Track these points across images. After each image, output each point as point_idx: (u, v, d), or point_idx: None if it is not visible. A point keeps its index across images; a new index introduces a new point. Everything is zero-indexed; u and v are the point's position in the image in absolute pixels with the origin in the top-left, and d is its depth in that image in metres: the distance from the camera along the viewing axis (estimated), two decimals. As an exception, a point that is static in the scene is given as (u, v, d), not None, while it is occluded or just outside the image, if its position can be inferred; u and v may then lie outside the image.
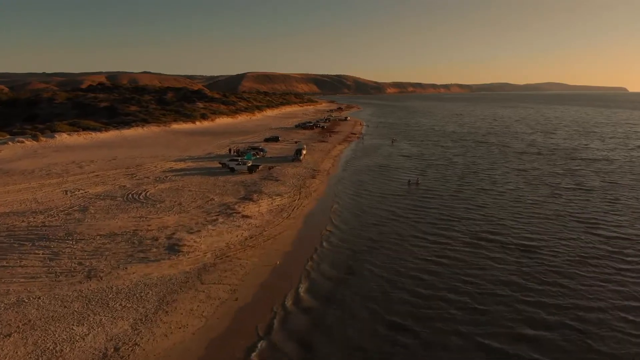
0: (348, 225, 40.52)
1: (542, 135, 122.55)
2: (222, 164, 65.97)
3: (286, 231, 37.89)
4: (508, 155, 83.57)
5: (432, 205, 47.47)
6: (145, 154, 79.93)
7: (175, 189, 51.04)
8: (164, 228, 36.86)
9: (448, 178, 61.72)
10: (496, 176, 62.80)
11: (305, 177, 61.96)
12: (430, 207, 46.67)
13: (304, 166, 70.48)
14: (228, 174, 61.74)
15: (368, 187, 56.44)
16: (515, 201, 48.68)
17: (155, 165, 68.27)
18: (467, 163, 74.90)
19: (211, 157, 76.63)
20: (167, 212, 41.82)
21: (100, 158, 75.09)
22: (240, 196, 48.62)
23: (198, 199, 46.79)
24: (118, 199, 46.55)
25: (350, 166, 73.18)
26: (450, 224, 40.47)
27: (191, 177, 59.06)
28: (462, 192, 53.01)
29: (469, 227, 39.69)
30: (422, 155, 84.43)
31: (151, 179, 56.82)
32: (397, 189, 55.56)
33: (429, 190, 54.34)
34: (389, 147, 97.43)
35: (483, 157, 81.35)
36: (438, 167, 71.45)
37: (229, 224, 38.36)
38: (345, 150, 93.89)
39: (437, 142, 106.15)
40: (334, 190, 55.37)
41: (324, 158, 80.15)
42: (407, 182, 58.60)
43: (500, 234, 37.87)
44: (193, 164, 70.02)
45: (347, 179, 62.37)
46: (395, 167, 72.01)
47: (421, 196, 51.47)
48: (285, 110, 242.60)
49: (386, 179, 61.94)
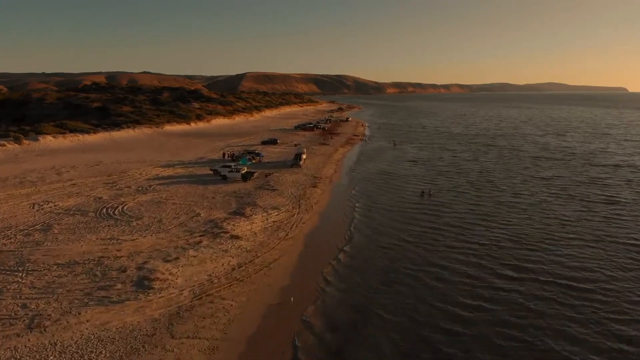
0: (356, 249, 34.56)
1: (554, 137, 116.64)
2: (213, 170, 60.06)
3: (283, 257, 31.96)
4: (523, 161, 77.64)
5: (450, 223, 41.46)
6: (133, 159, 74.01)
7: (157, 202, 45.05)
8: (135, 254, 30.91)
9: (463, 189, 55.69)
10: (516, 186, 56.76)
11: (306, 185, 56.06)
12: (448, 226, 40.65)
13: (304, 172, 64.59)
14: (219, 182, 55.82)
15: (376, 199, 50.49)
16: (544, 219, 42.60)
17: (141, 171, 62.33)
18: (481, 170, 68.93)
19: (203, 163, 70.70)
20: (143, 231, 35.87)
21: (83, 163, 69.18)
22: (231, 210, 42.65)
23: (182, 215, 40.82)
24: (90, 214, 40.58)
25: (354, 172, 67.25)
26: (474, 251, 34.45)
27: (178, 186, 53.11)
28: (481, 206, 46.98)
29: (496, 254, 33.69)
30: (430, 161, 78.49)
31: (132, 189, 50.86)
32: (407, 201, 49.55)
33: (443, 204, 48.28)
34: (393, 151, 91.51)
35: (496, 163, 75.40)
36: (449, 174, 65.46)
37: (214, 248, 32.40)
38: (348, 153, 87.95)
39: (443, 145, 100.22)
40: (337, 202, 49.44)
41: (325, 163, 74.25)
42: (421, 193, 52.64)
43: (534, 263, 31.90)
44: (182, 170, 64.06)
45: (352, 188, 56.44)
46: (402, 174, 66.03)
47: (436, 211, 45.48)
48: (284, 110, 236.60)
49: (394, 189, 56.00)
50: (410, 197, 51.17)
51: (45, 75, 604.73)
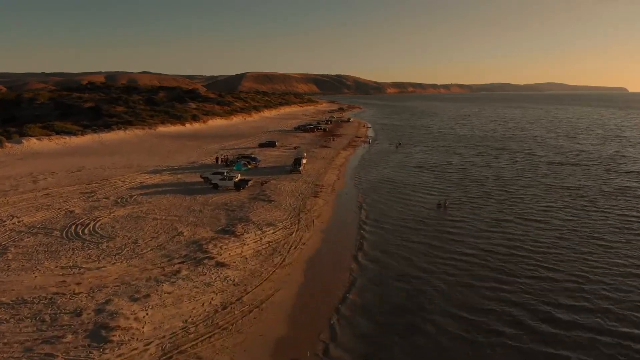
0: (367, 282, 28.96)
1: (566, 139, 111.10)
2: (204, 178, 54.52)
3: (279, 291, 26.41)
4: (539, 166, 72.05)
5: (473, 245, 35.80)
6: (119, 164, 68.48)
7: (136, 217, 39.46)
8: (98, 289, 25.36)
9: (480, 200, 49.96)
10: (539, 198, 50.81)
11: (306, 195, 50.54)
12: (471, 249, 34.94)
13: (304, 179, 59.10)
14: (210, 192, 50.29)
15: (385, 212, 44.90)
16: (583, 241, 36.24)
17: (125, 179, 56.80)
18: (495, 177, 63.31)
19: (194, 168, 65.14)
20: (113, 256, 30.33)
21: (64, 169, 63.69)
22: (219, 228, 37.10)
23: (162, 233, 35.26)
24: (55, 233, 35.03)
25: (358, 179, 61.68)
26: (509, 284, 28.75)
27: (162, 196, 47.55)
28: (506, 224, 41.09)
29: (535, 290, 28.07)
30: (439, 166, 72.89)
31: (111, 201, 45.29)
32: (420, 216, 43.83)
33: (462, 220, 42.46)
34: (398, 155, 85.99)
35: (511, 169, 69.78)
36: (463, 182, 59.84)
37: (194, 280, 26.85)
38: (351, 157, 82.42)
39: (451, 148, 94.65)
40: (342, 215, 43.88)
41: (327, 168, 68.72)
42: (437, 206, 47.08)
43: (588, 301, 26.39)
44: (170, 177, 58.51)
45: (358, 198, 50.87)
46: (411, 182, 60.43)
47: (455, 230, 39.84)
48: (284, 110, 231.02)
49: (404, 200, 50.39)
50: (423, 211, 45.52)
51: (45, 75, 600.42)
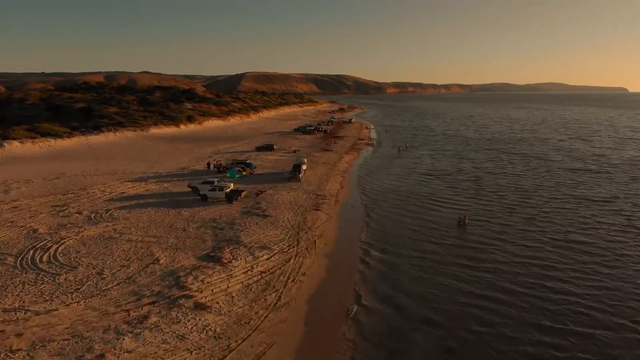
0: (382, 328, 23.44)
1: (580, 142, 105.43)
2: (192, 187, 49.00)
3: (272, 348, 20.79)
4: (558, 174, 66.31)
5: (505, 279, 30.17)
6: (102, 169, 62.93)
7: (108, 239, 33.82)
8: (41, 345, 19.77)
9: (502, 216, 43.77)
10: (567, 214, 44.73)
11: (307, 207, 44.96)
12: (504, 286, 29.43)
13: (304, 188, 53.55)
14: (198, 204, 44.72)
15: (397, 231, 39.20)
16: (634, 274, 30.99)
17: (105, 188, 51.25)
18: (515, 187, 57.40)
19: (183, 175, 59.58)
20: (70, 294, 24.74)
21: (41, 176, 58.17)
22: (203, 252, 31.49)
23: (134, 261, 29.66)
24: (8, 260, 29.40)
25: (365, 188, 55.99)
26: (555, 335, 23.37)
27: (143, 210, 41.94)
28: (539, 249, 35.37)
29: (589, 348, 22.60)
30: (449, 173, 67.13)
31: (83, 216, 39.67)
32: (438, 236, 37.96)
33: (485, 242, 36.65)
34: (405, 159, 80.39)
35: (529, 177, 64.02)
36: (479, 193, 54.02)
37: (165, 332, 21.25)
38: (355, 162, 76.78)
39: (460, 153, 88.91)
40: (348, 234, 38.23)
41: (329, 175, 63.12)
42: (457, 222, 41.45)
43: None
44: (155, 186, 52.90)
45: (365, 212, 45.24)
46: (422, 192, 54.72)
47: (478, 255, 34.27)
48: (283, 111, 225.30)
49: (418, 215, 44.60)
50: (440, 230, 39.71)
51: (45, 75, 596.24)
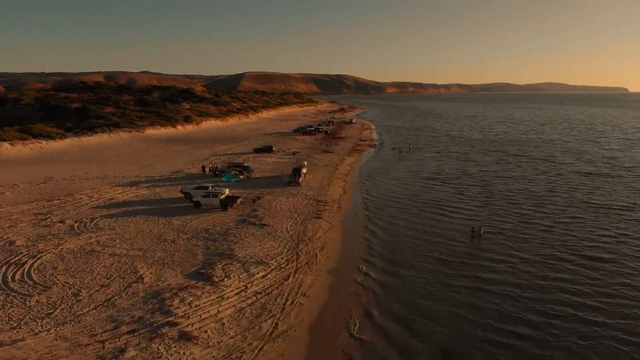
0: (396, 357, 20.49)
1: (588, 144, 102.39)
2: (184, 193, 46.04)
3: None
4: (570, 178, 63.10)
5: (526, 305, 27.09)
6: (93, 173, 60.00)
7: (89, 253, 30.85)
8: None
9: (520, 227, 40.55)
10: (587, 224, 41.30)
11: (307, 215, 42.03)
12: (525, 312, 26.29)
13: (304, 193, 50.64)
14: (190, 211, 41.78)
15: (407, 243, 36.12)
16: None
17: (94, 193, 48.32)
18: (527, 193, 54.25)
19: (177, 179, 56.64)
20: (40, 320, 21.80)
21: (28, 180, 55.30)
22: (193, 269, 28.54)
23: (115, 279, 26.71)
24: (-26, 278, 26.51)
25: (368, 194, 52.96)
26: None
27: (131, 219, 38.98)
28: (565, 266, 32.07)
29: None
30: (456, 177, 64.06)
31: (66, 226, 36.71)
32: (451, 250, 34.85)
33: (504, 259, 33.50)
34: (409, 162, 77.41)
35: (540, 182, 60.76)
36: (490, 200, 50.60)
37: (144, 368, 18.34)
38: (357, 165, 73.79)
39: (465, 155, 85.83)
40: (353, 246, 35.21)
41: (330, 178, 60.19)
42: (471, 232, 38.44)
43: None
44: (146, 191, 49.94)
45: (370, 221, 42.18)
46: (430, 198, 51.57)
47: (497, 273, 31.30)
48: (283, 111, 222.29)
49: (427, 224, 41.48)
50: (452, 243, 36.62)
51: (45, 75, 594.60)
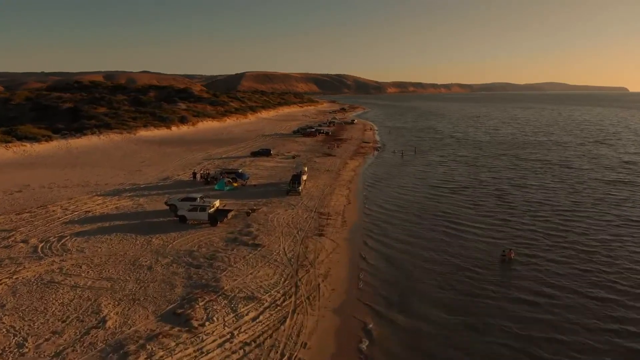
0: None
1: (602, 147, 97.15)
2: (169, 205, 41.02)
3: None
4: (594, 187, 57.06)
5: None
6: (74, 180, 55.07)
7: (47, 284, 25.82)
8: None
9: (554, 249, 34.88)
10: (629, 245, 35.86)
11: (308, 232, 36.98)
12: None
13: (304, 204, 45.62)
14: (174, 227, 36.76)
15: (425, 267, 30.95)
16: None
17: (70, 205, 43.35)
18: (550, 204, 48.19)
19: (164, 187, 51.64)
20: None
21: (3, 188, 50.85)
22: (169, 308, 23.49)
23: (72, 322, 21.68)
24: None
25: (376, 205, 47.74)
26: None
27: (105, 237, 33.95)
28: (615, 299, 27.35)
29: None
30: (470, 186, 58.55)
31: (29, 247, 31.68)
32: (479, 278, 29.59)
33: (541, 290, 28.28)
34: (415, 167, 72.26)
35: (561, 191, 55.07)
36: (511, 213, 44.98)
37: None
38: (361, 170, 68.70)
39: (474, 159, 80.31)
40: (363, 273, 30.15)
41: (333, 186, 55.13)
42: (501, 256, 33.09)
43: None
44: (128, 202, 44.91)
45: (379, 240, 37.11)
46: (444, 211, 46.06)
47: (538, 313, 26.27)
48: (283, 111, 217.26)
49: (444, 244, 36.33)
50: (479, 269, 31.42)
51: (44, 75, 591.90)
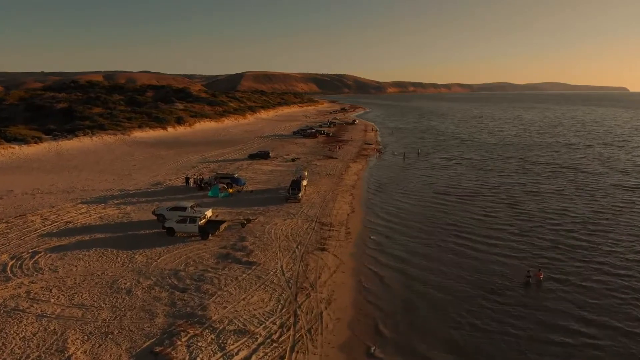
0: None
1: (614, 149, 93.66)
2: (157, 215, 37.61)
3: None
4: (613, 194, 53.51)
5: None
6: (60, 186, 51.69)
7: (10, 312, 22.29)
8: None
9: (581, 268, 31.42)
10: None
11: (308, 246, 33.58)
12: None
13: (305, 213, 42.20)
14: (161, 240, 33.34)
15: (443, 291, 27.48)
16: None
17: (51, 214, 39.96)
18: (570, 214, 45.02)
19: (154, 194, 48.22)
20: None
21: (-19, 193, 46.97)
22: (146, 344, 20.05)
23: (28, 365, 18.37)
24: None
25: (381, 214, 44.20)
26: None
27: (83, 253, 30.54)
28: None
29: None
30: (478, 192, 55.01)
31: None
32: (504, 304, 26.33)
33: (572, 323, 25.22)
34: (421, 171, 68.78)
35: (578, 198, 51.25)
36: (528, 226, 41.41)
37: None
38: (364, 173, 65.22)
39: (482, 163, 76.30)
40: (370, 297, 26.66)
41: (335, 192, 51.68)
42: (526, 278, 29.33)
43: None
44: (114, 210, 41.50)
45: (387, 258, 33.59)
46: (456, 222, 42.52)
47: (575, 349, 22.92)
48: (283, 111, 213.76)
49: (457, 260, 33.12)
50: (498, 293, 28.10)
51: (44, 75, 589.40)
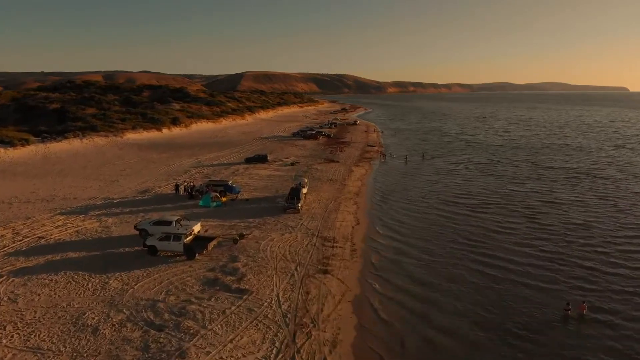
0: None
1: (628, 152, 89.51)
2: (139, 230, 33.68)
3: None
4: (638, 203, 50.29)
5: None
6: (41, 193, 47.81)
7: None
8: None
9: (633, 301, 26.82)
10: None
11: (309, 267, 29.62)
12: None
13: (305, 226, 38.23)
14: (140, 262, 29.36)
15: (461, 344, 23.78)
16: None
17: (23, 227, 36.06)
18: (596, 229, 40.06)
19: (141, 203, 44.27)
20: None
21: (-47, 202, 43.12)
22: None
23: None
24: None
25: (390, 227, 40.25)
26: None
27: (50, 278, 26.61)
28: None
29: None
30: (492, 201, 50.72)
31: (-58, 294, 24.43)
32: (532, 345, 22.66)
33: None
34: (428, 176, 64.85)
35: (602, 209, 47.01)
36: (552, 244, 36.91)
37: None
38: (368, 179, 61.23)
39: (491, 167, 71.80)
40: (380, 337, 22.72)
41: (338, 200, 47.70)
42: (564, 311, 24.98)
43: None
44: (94, 223, 37.55)
45: (398, 283, 29.59)
46: (466, 237, 38.58)
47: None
48: (282, 111, 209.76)
49: (477, 286, 29.11)
50: (533, 331, 24.29)
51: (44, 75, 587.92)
